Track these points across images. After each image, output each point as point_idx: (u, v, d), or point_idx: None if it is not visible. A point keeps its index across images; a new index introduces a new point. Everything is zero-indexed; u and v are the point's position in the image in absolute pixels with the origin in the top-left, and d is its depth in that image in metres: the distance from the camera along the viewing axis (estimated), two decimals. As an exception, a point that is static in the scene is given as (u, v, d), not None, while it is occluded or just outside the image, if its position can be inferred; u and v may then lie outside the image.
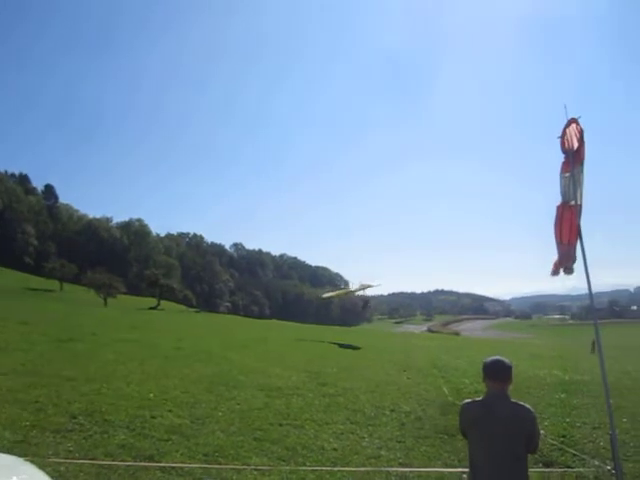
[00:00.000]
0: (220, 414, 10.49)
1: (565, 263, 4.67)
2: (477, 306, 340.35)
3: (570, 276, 4.86)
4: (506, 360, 4.07)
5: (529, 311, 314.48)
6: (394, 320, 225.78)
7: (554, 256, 4.77)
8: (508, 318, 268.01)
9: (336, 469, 7.45)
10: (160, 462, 7.34)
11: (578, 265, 4.91)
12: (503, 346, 44.23)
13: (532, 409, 3.97)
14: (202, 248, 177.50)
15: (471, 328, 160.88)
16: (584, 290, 5.28)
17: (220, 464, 7.45)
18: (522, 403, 3.95)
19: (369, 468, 7.60)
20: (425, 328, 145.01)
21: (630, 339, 65.03)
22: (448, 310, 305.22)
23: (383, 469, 7.56)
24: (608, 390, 4.90)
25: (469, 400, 4.22)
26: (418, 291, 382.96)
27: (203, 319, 53.32)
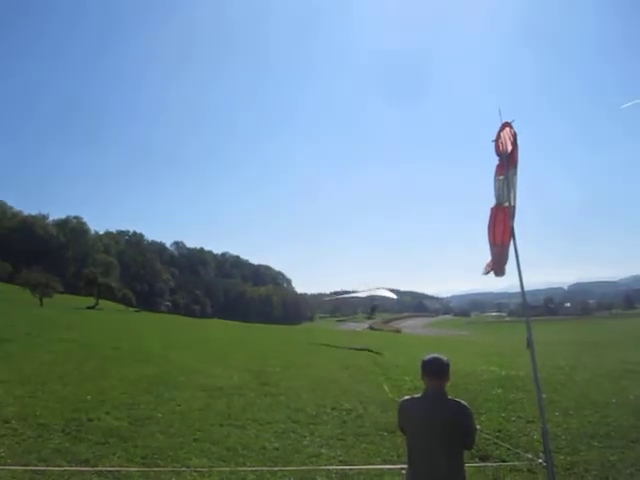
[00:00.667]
0: (160, 415, 10.35)
1: (497, 263, 4.80)
2: (417, 304, 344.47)
3: (505, 275, 5.03)
4: (444, 358, 4.16)
5: (468, 308, 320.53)
6: (336, 318, 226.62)
7: (488, 256, 4.92)
8: (447, 315, 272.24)
9: (277, 469, 7.46)
10: (96, 466, 7.19)
11: (512, 265, 5.07)
12: (442, 343, 45.07)
13: (468, 405, 4.07)
14: (142, 246, 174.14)
15: (412, 325, 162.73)
16: (520, 288, 5.46)
17: (159, 466, 7.35)
18: (459, 400, 4.05)
19: (310, 467, 7.63)
20: (367, 326, 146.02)
21: (563, 335, 67.17)
22: (389, 308, 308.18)
23: (324, 467, 7.60)
24: (539, 385, 5.06)
25: (407, 397, 4.30)
26: (360, 289, 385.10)
27: (143, 318, 52.39)
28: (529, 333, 5.07)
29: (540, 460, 5.77)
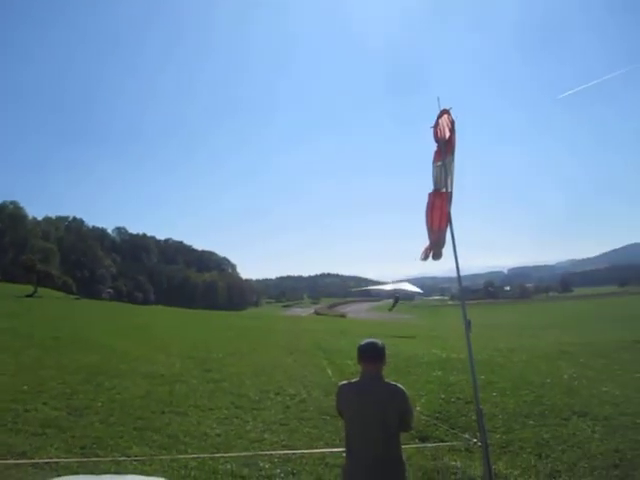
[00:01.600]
0: (99, 404, 10.19)
1: (434, 248, 4.87)
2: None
3: (442, 258, 5.12)
4: (379, 342, 4.20)
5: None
6: (282, 304, 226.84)
7: (426, 242, 4.99)
8: (391, 299, 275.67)
9: (219, 455, 7.44)
10: (33, 458, 7.02)
11: (451, 249, 5.14)
12: (386, 327, 45.66)
13: (404, 388, 4.12)
14: (82, 232, 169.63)
15: (356, 310, 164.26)
16: (463, 272, 5.56)
17: (98, 457, 7.23)
18: (395, 383, 4.10)
19: (252, 452, 7.63)
20: (312, 311, 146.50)
21: (502, 318, 69.04)
22: (334, 293, 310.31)
23: (266, 452, 7.61)
24: (474, 366, 5.19)
25: (345, 381, 4.33)
26: (305, 274, 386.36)
27: (83, 306, 51.18)
28: (464, 316, 5.17)
29: (474, 440, 5.92)
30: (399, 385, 4.10)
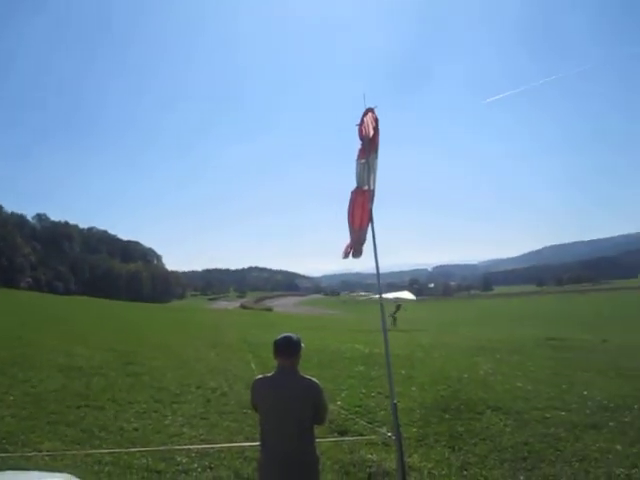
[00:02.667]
0: (12, 398, 9.84)
1: (355, 246, 4.92)
2: (289, 283, 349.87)
3: (362, 256, 5.17)
4: (294, 336, 4.22)
5: (338, 288, 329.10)
6: (208, 297, 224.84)
7: (347, 239, 5.02)
8: (318, 295, 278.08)
9: (135, 449, 7.28)
10: (-64, 454, 6.71)
11: (379, 247, 5.20)
12: (312, 321, 45.90)
13: (319, 382, 4.15)
14: (1, 218, 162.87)
15: (283, 304, 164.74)
16: (389, 269, 5.68)
17: (7, 452, 6.97)
18: (310, 377, 4.13)
19: (170, 447, 7.53)
20: (238, 304, 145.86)
21: (427, 314, 70.68)
22: (261, 286, 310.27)
23: (184, 447, 7.52)
24: (390, 362, 5.28)
25: (260, 376, 4.33)
26: (232, 267, 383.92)
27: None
28: (382, 313, 5.25)
29: (389, 433, 6.04)
30: (314, 379, 4.13)
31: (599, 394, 10.38)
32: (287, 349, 4.14)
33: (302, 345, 4.24)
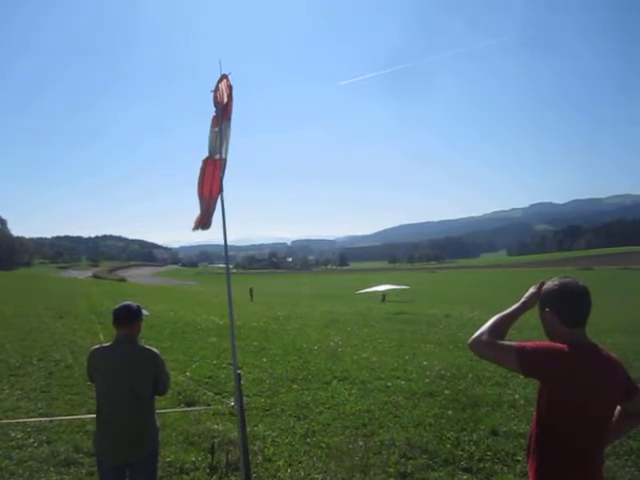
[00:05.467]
0: None
1: (205, 217, 4.82)
2: (146, 253, 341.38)
3: (211, 227, 5.07)
4: (134, 305, 4.11)
5: (196, 260, 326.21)
6: (57, 265, 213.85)
7: (197, 211, 4.89)
8: (175, 266, 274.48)
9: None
10: None
11: (240, 219, 5.16)
12: (168, 292, 45.16)
13: (159, 352, 4.08)
14: None
15: (139, 274, 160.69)
16: (249, 242, 5.64)
17: None
18: (149, 347, 4.04)
19: (4, 421, 7.09)
20: (90, 274, 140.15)
21: (284, 287, 71.83)
22: (116, 256, 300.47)
23: (19, 420, 7.12)
24: (234, 333, 5.31)
25: (97, 346, 4.18)
26: (85, 235, 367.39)
27: None
28: (228, 286, 5.24)
29: (232, 403, 6.06)
30: (153, 349, 4.04)
31: (438, 364, 11.07)
32: (126, 318, 4.02)
33: (144, 313, 4.15)
